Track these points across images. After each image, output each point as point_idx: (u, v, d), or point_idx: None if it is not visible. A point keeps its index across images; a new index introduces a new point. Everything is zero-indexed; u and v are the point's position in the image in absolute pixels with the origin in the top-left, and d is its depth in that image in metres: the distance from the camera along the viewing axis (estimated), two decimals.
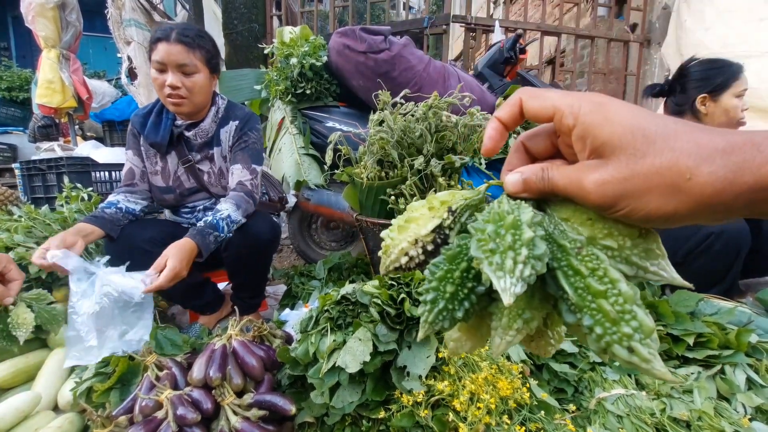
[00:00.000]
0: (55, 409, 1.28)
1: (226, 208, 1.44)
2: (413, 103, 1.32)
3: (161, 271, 1.19)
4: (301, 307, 1.69)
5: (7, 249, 1.62)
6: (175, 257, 1.20)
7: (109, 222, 1.43)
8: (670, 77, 1.87)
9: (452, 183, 1.34)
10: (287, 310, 1.69)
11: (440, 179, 1.27)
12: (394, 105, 1.30)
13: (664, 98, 1.87)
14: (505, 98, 2.34)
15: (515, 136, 1.43)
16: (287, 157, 2.27)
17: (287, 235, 2.68)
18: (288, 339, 1.35)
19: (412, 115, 1.26)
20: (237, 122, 1.64)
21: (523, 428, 0.91)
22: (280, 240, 1.78)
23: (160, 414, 1.00)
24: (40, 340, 1.46)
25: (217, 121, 1.63)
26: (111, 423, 1.00)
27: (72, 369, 1.37)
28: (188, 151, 1.62)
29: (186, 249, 1.25)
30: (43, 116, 5.00)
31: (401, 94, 1.27)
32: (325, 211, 2.28)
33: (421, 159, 1.25)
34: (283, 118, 2.36)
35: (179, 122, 1.57)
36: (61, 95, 3.61)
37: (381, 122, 1.29)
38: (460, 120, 1.26)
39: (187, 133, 1.58)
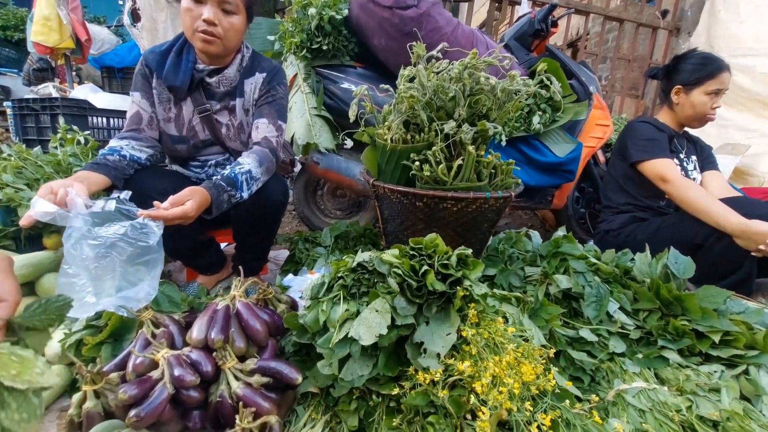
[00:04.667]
0: None
1: (248, 162, 1.32)
2: (448, 61, 1.20)
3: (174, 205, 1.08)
4: (306, 274, 1.61)
5: None
6: (195, 202, 1.10)
7: (113, 169, 1.28)
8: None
9: (481, 152, 1.24)
10: (290, 276, 1.62)
11: (470, 147, 1.17)
12: (428, 60, 1.18)
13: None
14: (531, 74, 2.21)
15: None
16: (297, 117, 2.14)
17: (291, 199, 2.58)
18: (293, 305, 1.28)
19: (447, 74, 1.14)
20: (265, 74, 1.51)
21: (548, 416, 0.85)
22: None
23: (155, 374, 0.93)
24: (28, 286, 1.38)
25: (242, 70, 1.49)
26: (101, 379, 0.92)
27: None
28: (206, 100, 1.48)
29: (202, 198, 1.14)
30: (39, 58, 4.76)
31: (439, 47, 1.15)
32: (334, 177, 2.17)
33: (452, 123, 1.14)
34: (295, 75, 2.22)
35: (201, 66, 1.42)
36: (58, 34, 3.40)
37: (412, 79, 1.18)
38: (499, 84, 1.15)
39: (209, 80, 1.45)
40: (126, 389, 0.87)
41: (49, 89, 2.81)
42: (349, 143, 2.56)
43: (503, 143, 1.77)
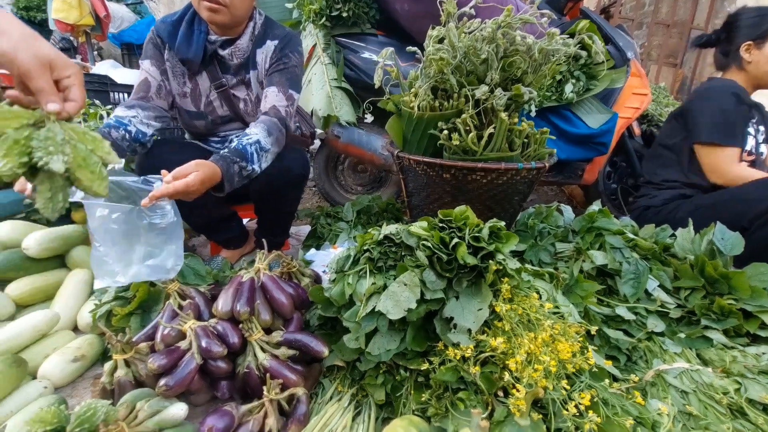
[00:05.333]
0: (75, 329, 1.23)
1: (255, 132, 1.24)
2: (479, 20, 1.11)
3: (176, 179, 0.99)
4: (329, 248, 1.59)
5: None
6: (200, 174, 1.00)
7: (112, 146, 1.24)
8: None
9: (513, 120, 1.17)
10: (313, 250, 1.60)
11: (502, 114, 1.10)
12: (459, 19, 1.10)
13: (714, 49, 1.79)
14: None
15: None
16: (317, 90, 2.08)
17: (312, 175, 2.55)
18: (317, 278, 1.26)
19: (480, 33, 1.06)
20: (276, 42, 1.43)
21: (587, 396, 0.80)
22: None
23: (183, 344, 0.93)
24: (58, 259, 1.41)
25: (254, 39, 1.42)
26: (131, 349, 0.93)
27: (92, 290, 1.31)
28: (222, 74, 1.43)
29: (210, 172, 1.04)
30: (62, 37, 4.81)
31: (471, 3, 1.06)
32: (355, 151, 2.12)
33: (484, 88, 1.06)
34: (314, 46, 2.14)
35: (213, 37, 1.36)
36: (78, 11, 3.40)
37: (441, 40, 1.10)
38: (536, 43, 1.06)
39: (221, 52, 1.39)
40: (155, 359, 0.87)
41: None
42: (369, 117, 2.49)
43: (533, 113, 1.67)
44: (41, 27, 7.22)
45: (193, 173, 1.00)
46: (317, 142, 2.45)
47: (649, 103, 2.28)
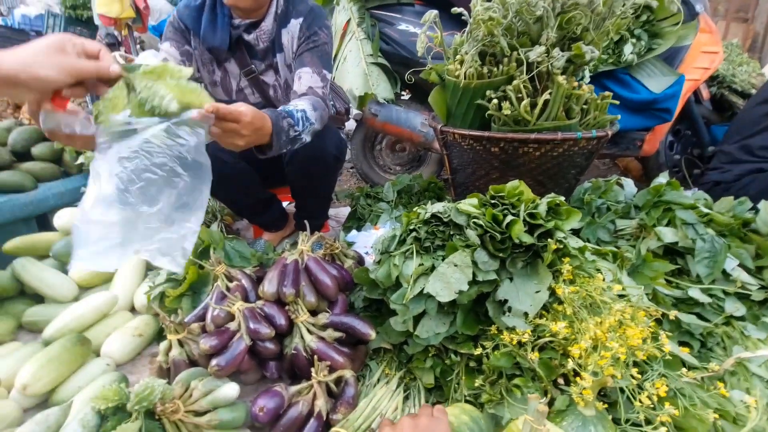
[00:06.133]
0: (132, 310, 1.29)
1: (302, 104, 1.15)
2: None
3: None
4: (370, 229, 1.56)
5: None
6: (251, 110, 0.86)
7: None
8: None
9: (572, 84, 1.06)
10: (354, 232, 1.58)
11: (559, 78, 0.99)
12: None
13: None
14: None
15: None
16: (353, 67, 2.02)
17: (349, 156, 2.52)
18: (360, 260, 1.24)
19: None
20: (300, 19, 1.35)
21: (663, 386, 0.73)
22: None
23: (232, 325, 0.93)
24: None
25: (278, 19, 1.35)
26: (184, 330, 0.95)
27: (146, 273, 1.36)
28: (250, 59, 1.39)
29: (260, 115, 0.90)
30: (107, 33, 5.00)
31: None
32: (393, 130, 2.06)
33: (540, 49, 0.96)
34: (348, 21, 2.07)
35: (237, 21, 1.32)
36: (119, 5, 3.51)
37: None
38: None
39: (247, 37, 1.34)
40: (207, 340, 0.88)
41: (116, 56, 2.94)
42: (406, 95, 2.41)
43: (586, 79, 1.53)
44: (87, 24, 7.59)
45: (243, 106, 0.85)
46: (353, 122, 2.40)
47: (721, 63, 2.03)
